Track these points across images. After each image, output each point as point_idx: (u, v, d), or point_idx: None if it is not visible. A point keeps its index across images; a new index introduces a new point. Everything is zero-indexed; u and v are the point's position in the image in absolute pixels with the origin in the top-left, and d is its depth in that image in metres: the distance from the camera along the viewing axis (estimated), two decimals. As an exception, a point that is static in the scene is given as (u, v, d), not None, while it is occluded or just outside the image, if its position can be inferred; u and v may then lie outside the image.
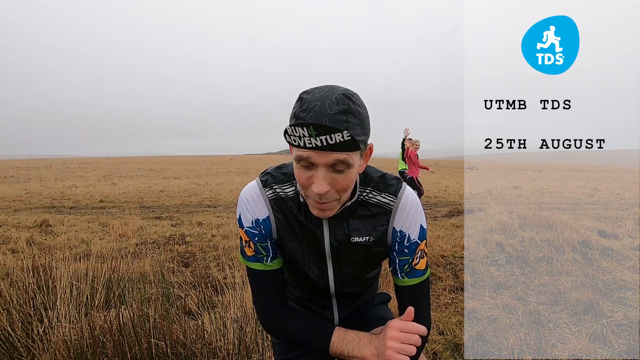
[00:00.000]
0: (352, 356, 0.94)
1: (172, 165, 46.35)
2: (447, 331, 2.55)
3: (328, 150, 0.78)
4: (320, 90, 0.82)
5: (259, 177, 1.02)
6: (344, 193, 0.87)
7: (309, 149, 0.79)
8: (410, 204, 0.98)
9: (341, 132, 0.76)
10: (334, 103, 0.79)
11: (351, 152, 0.80)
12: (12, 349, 1.95)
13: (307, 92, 0.83)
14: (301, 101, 0.82)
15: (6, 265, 3.07)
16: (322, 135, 0.76)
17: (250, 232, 1.00)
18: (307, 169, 0.83)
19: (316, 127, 0.75)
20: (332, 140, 0.76)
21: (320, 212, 0.89)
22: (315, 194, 0.84)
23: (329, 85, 0.84)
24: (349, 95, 0.81)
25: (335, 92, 0.80)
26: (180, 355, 1.87)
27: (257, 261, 1.01)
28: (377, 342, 0.92)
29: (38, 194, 13.29)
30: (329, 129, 0.75)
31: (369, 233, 0.98)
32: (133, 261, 3.92)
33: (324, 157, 0.80)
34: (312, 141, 0.77)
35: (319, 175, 0.81)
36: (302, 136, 0.77)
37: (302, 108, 0.80)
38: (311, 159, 0.80)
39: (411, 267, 0.99)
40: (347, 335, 0.96)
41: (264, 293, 1.04)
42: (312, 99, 0.80)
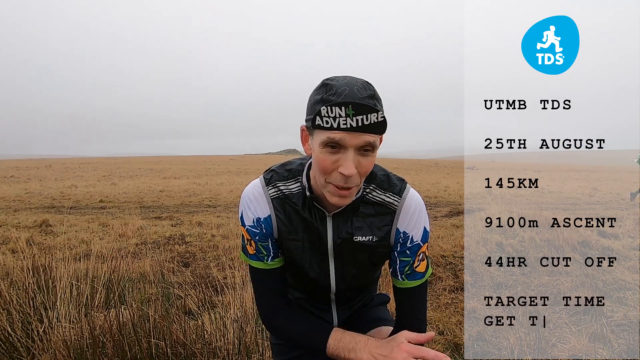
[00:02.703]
0: (348, 359, 0.93)
1: (172, 165, 46.35)
2: (447, 331, 2.55)
3: (361, 131, 0.79)
4: (341, 77, 0.84)
5: (263, 174, 1.02)
6: (364, 178, 0.88)
7: (342, 129, 0.79)
8: (415, 205, 0.97)
9: (377, 112, 0.78)
10: (361, 88, 0.81)
11: (379, 134, 0.82)
12: (12, 349, 1.95)
13: (329, 79, 0.85)
14: (327, 86, 0.83)
15: (6, 265, 3.07)
16: (359, 115, 0.77)
17: (252, 231, 1.00)
18: (334, 152, 0.82)
19: (355, 106, 0.77)
20: (368, 121, 0.78)
21: (340, 199, 0.87)
22: (342, 178, 0.83)
23: (343, 74, 0.86)
24: (370, 83, 0.84)
25: (358, 80, 0.83)
26: (180, 355, 1.87)
27: (259, 260, 1.02)
28: (374, 347, 0.91)
29: (38, 194, 13.29)
30: (367, 109, 0.77)
31: (372, 233, 0.97)
32: (133, 261, 3.92)
33: (356, 139, 0.80)
34: (347, 121, 0.78)
35: (348, 157, 0.81)
36: (337, 117, 0.78)
37: (330, 92, 0.81)
38: (343, 141, 0.80)
39: (412, 270, 0.99)
40: (344, 338, 0.95)
41: (265, 291, 1.04)
42: (339, 84, 0.81)
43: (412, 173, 32.83)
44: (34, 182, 19.38)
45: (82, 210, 9.53)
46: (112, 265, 3.04)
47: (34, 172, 30.15)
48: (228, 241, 5.17)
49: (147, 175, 27.82)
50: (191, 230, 6.22)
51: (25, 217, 7.77)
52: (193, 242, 5.32)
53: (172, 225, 6.92)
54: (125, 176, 26.15)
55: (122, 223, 6.37)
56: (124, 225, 6.22)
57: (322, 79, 0.86)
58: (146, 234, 5.88)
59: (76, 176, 25.77)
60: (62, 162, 55.25)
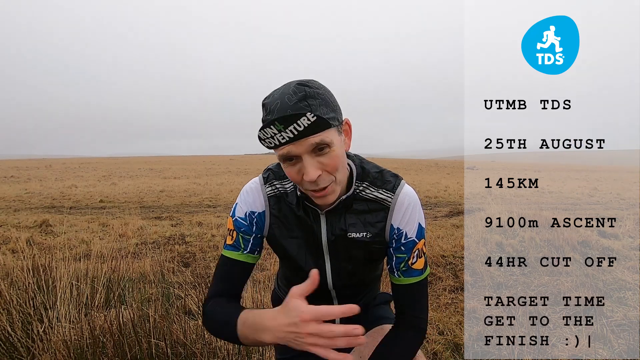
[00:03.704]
0: (255, 343, 0.83)
1: (172, 165, 46.35)
2: (447, 331, 2.55)
3: (301, 137, 0.79)
4: (277, 90, 0.85)
5: (262, 173, 1.05)
6: (337, 172, 0.87)
7: (284, 144, 0.81)
8: (409, 201, 0.98)
9: (305, 115, 0.77)
10: (291, 95, 0.81)
11: (324, 131, 0.81)
12: (12, 349, 1.95)
13: (266, 97, 0.86)
14: (264, 107, 0.85)
15: (6, 265, 3.07)
16: (289, 126, 0.78)
17: (239, 222, 1.01)
18: (294, 163, 0.85)
19: (281, 121, 0.77)
20: (300, 126, 0.78)
21: (322, 199, 0.89)
22: (310, 183, 0.85)
23: (285, 83, 0.87)
24: (304, 83, 0.84)
25: (291, 85, 0.83)
26: (180, 355, 1.87)
27: (233, 249, 1.00)
28: (275, 325, 0.77)
29: (38, 194, 13.29)
30: (293, 117, 0.77)
31: (366, 229, 0.98)
32: (133, 261, 3.92)
33: (301, 146, 0.81)
34: (283, 135, 0.79)
35: (306, 164, 0.83)
36: (273, 135, 0.79)
37: (267, 112, 0.84)
38: (291, 153, 0.82)
39: (407, 266, 0.99)
40: (248, 319, 0.84)
41: (219, 281, 1.00)
42: (272, 100, 0.83)
43: (412, 173, 32.84)
44: (34, 182, 19.38)
45: (82, 210, 9.53)
46: (112, 265, 3.04)
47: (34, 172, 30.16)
48: (228, 241, 5.16)
49: (147, 175, 27.83)
50: (191, 230, 6.22)
51: (25, 217, 7.77)
52: (193, 242, 5.32)
53: (172, 225, 6.92)
54: (125, 176, 26.15)
55: (122, 223, 6.38)
56: (124, 225, 6.22)
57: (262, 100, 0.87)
58: (146, 234, 5.88)
59: (76, 176, 25.77)
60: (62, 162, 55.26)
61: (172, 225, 6.92)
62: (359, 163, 1.01)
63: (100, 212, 8.88)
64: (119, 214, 8.03)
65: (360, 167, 1.00)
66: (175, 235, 5.82)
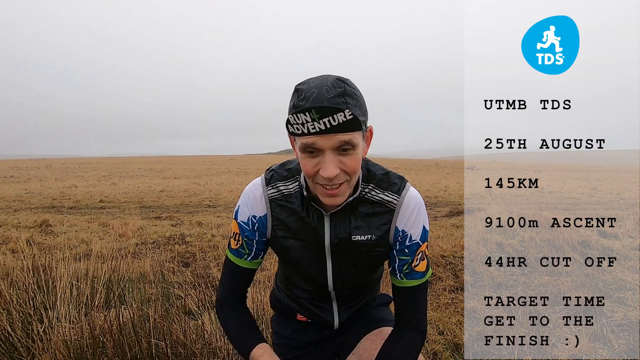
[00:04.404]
0: None
1: (172, 165, 46.34)
2: (447, 331, 2.55)
3: (332, 132, 0.78)
4: (315, 79, 0.83)
5: (264, 174, 1.04)
6: (354, 175, 0.86)
7: (313, 134, 0.79)
8: (414, 204, 0.97)
9: (343, 111, 0.76)
10: (330, 88, 0.80)
11: (354, 132, 0.81)
12: (12, 349, 1.95)
13: (302, 83, 0.84)
14: (298, 92, 0.83)
15: (6, 265, 3.07)
16: (325, 118, 0.76)
17: (243, 226, 1.03)
18: (314, 156, 0.83)
19: (318, 110, 0.76)
20: (335, 121, 0.77)
21: (331, 199, 0.88)
22: (325, 179, 0.83)
23: (321, 74, 0.85)
24: (344, 80, 0.82)
25: (330, 78, 0.82)
26: (180, 355, 1.87)
27: (238, 256, 1.05)
28: None
29: (38, 194, 13.29)
30: (331, 110, 0.76)
31: (371, 232, 0.97)
32: (133, 261, 3.92)
33: (329, 140, 0.80)
34: (315, 125, 0.78)
35: (327, 160, 0.81)
36: (305, 122, 0.78)
37: (300, 97, 0.81)
38: (316, 144, 0.81)
39: (410, 269, 0.98)
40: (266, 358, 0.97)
41: (228, 284, 1.08)
42: (308, 88, 0.81)
43: (412, 173, 32.83)
44: (34, 182, 19.38)
45: (82, 210, 9.53)
46: (112, 265, 3.04)
47: (34, 172, 30.16)
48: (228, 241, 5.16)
49: (147, 175, 27.83)
50: (191, 230, 6.22)
51: (25, 217, 7.77)
52: (193, 242, 5.32)
53: (172, 225, 6.92)
54: (125, 176, 26.15)
55: (122, 223, 6.37)
56: (124, 225, 6.22)
57: (296, 84, 0.86)
58: (146, 234, 5.88)
59: (76, 176, 25.77)
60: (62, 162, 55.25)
61: (172, 225, 6.92)
62: (365, 165, 1.00)
63: (100, 212, 8.88)
64: (119, 214, 8.03)
65: (366, 168, 1.00)
66: (175, 235, 5.82)
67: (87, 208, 9.91)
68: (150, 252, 4.56)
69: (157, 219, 7.63)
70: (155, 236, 5.75)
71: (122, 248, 4.78)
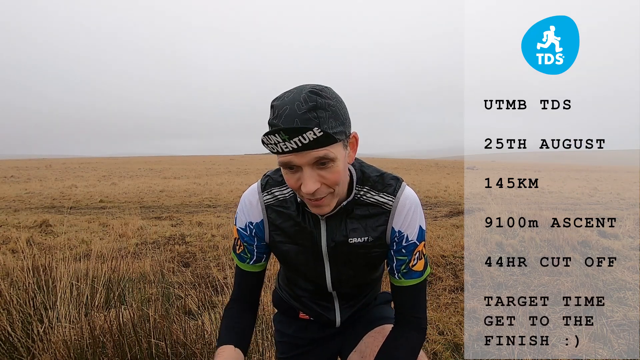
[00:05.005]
0: None
1: (172, 165, 46.35)
2: (447, 331, 2.55)
3: (305, 149, 0.78)
4: (289, 93, 0.82)
5: (260, 180, 1.05)
6: (336, 186, 0.86)
7: (287, 153, 0.79)
8: (410, 204, 0.97)
9: (311, 129, 0.75)
10: (302, 103, 0.79)
11: (328, 145, 0.79)
12: (12, 349, 1.95)
13: (277, 98, 0.83)
14: (272, 109, 0.83)
15: (6, 265, 3.07)
16: (294, 138, 0.75)
17: (241, 232, 1.06)
18: (294, 172, 0.84)
19: (286, 131, 0.75)
20: (306, 139, 0.76)
21: (317, 209, 0.89)
22: (306, 193, 0.84)
23: (298, 85, 0.84)
24: (317, 91, 0.81)
25: (303, 92, 0.80)
26: (180, 355, 1.87)
27: (242, 261, 1.08)
28: None
29: (38, 194, 13.29)
30: (299, 130, 0.75)
31: (367, 233, 0.97)
32: (133, 261, 3.92)
33: (304, 158, 0.80)
34: (287, 145, 0.77)
35: (306, 176, 0.82)
36: (277, 142, 0.77)
37: (273, 115, 0.81)
38: (293, 162, 0.81)
39: (408, 268, 0.99)
40: None
41: (237, 287, 1.12)
42: (281, 104, 0.80)
43: (412, 173, 32.83)
44: (34, 182, 19.38)
45: (82, 210, 9.53)
46: (112, 265, 3.04)
47: (34, 172, 30.16)
48: (228, 241, 5.17)
49: (147, 175, 27.83)
50: (191, 230, 6.22)
51: (25, 217, 7.77)
52: (193, 242, 5.32)
53: (172, 225, 6.93)
54: (125, 176, 26.15)
55: (122, 223, 6.38)
56: (124, 225, 6.22)
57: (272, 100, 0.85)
58: (146, 234, 5.89)
59: (76, 176, 25.77)
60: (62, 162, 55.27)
61: (172, 225, 6.92)
62: (359, 167, 1.00)
63: (100, 212, 8.89)
64: (119, 214, 8.04)
65: (361, 171, 1.00)
66: (175, 235, 5.82)
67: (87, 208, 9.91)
68: (150, 252, 4.56)
69: (157, 219, 7.63)
70: (155, 236, 5.76)
71: (122, 248, 4.78)
